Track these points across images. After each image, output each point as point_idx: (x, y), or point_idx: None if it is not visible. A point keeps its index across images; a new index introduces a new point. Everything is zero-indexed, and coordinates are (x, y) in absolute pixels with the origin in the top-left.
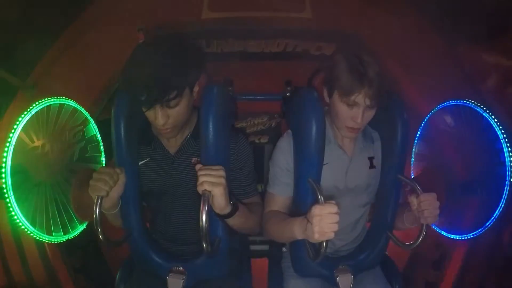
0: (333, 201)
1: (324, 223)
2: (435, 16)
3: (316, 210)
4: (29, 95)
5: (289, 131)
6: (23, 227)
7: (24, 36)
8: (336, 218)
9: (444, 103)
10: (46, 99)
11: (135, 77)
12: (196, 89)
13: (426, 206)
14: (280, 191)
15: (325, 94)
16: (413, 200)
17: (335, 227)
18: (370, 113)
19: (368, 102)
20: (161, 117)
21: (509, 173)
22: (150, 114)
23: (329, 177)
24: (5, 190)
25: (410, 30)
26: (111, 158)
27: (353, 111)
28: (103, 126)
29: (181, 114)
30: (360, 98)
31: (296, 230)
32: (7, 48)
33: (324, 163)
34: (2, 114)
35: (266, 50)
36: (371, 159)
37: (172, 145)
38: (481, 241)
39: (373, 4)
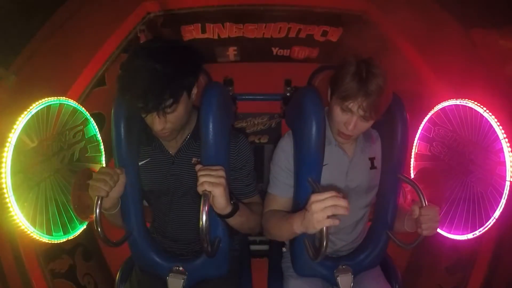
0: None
1: (322, 208)
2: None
3: (313, 197)
4: (10, 83)
5: (290, 131)
6: (23, 227)
7: (8, 23)
8: (334, 200)
9: (444, 103)
10: (46, 99)
11: (131, 86)
12: (194, 91)
13: (426, 220)
14: (281, 192)
15: (328, 92)
16: (415, 209)
17: (333, 210)
18: (364, 125)
19: (361, 112)
20: (159, 123)
21: (509, 173)
22: (148, 119)
23: (329, 177)
24: (5, 190)
25: (421, 12)
26: (111, 158)
27: (346, 117)
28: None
29: (179, 119)
30: (354, 106)
31: (295, 223)
32: None
33: (324, 163)
34: None
35: (267, 35)
36: (372, 159)
37: (172, 145)
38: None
39: None
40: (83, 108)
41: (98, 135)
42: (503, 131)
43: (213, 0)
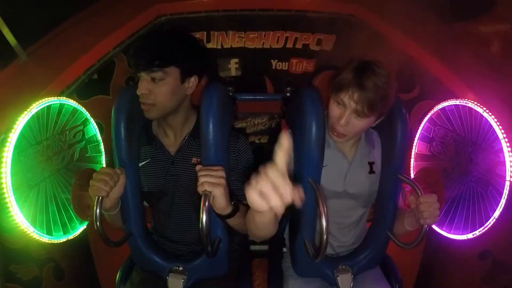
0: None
1: (433, 209)
2: None
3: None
4: (21, 62)
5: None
6: (23, 227)
7: (36, 9)
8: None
9: (444, 103)
10: (46, 99)
11: (138, 44)
12: (189, 83)
13: (426, 207)
14: None
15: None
16: (412, 199)
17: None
18: (357, 123)
19: (353, 105)
20: (143, 87)
21: (509, 173)
22: (139, 84)
23: (327, 180)
24: (5, 190)
25: (404, 12)
26: (111, 158)
27: (339, 111)
28: None
29: (163, 94)
30: (347, 98)
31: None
32: (20, 16)
33: (324, 165)
34: None
35: (266, 45)
36: (371, 164)
37: (172, 145)
38: None
39: None
40: (83, 108)
41: (98, 135)
42: (503, 131)
43: (218, 5)
